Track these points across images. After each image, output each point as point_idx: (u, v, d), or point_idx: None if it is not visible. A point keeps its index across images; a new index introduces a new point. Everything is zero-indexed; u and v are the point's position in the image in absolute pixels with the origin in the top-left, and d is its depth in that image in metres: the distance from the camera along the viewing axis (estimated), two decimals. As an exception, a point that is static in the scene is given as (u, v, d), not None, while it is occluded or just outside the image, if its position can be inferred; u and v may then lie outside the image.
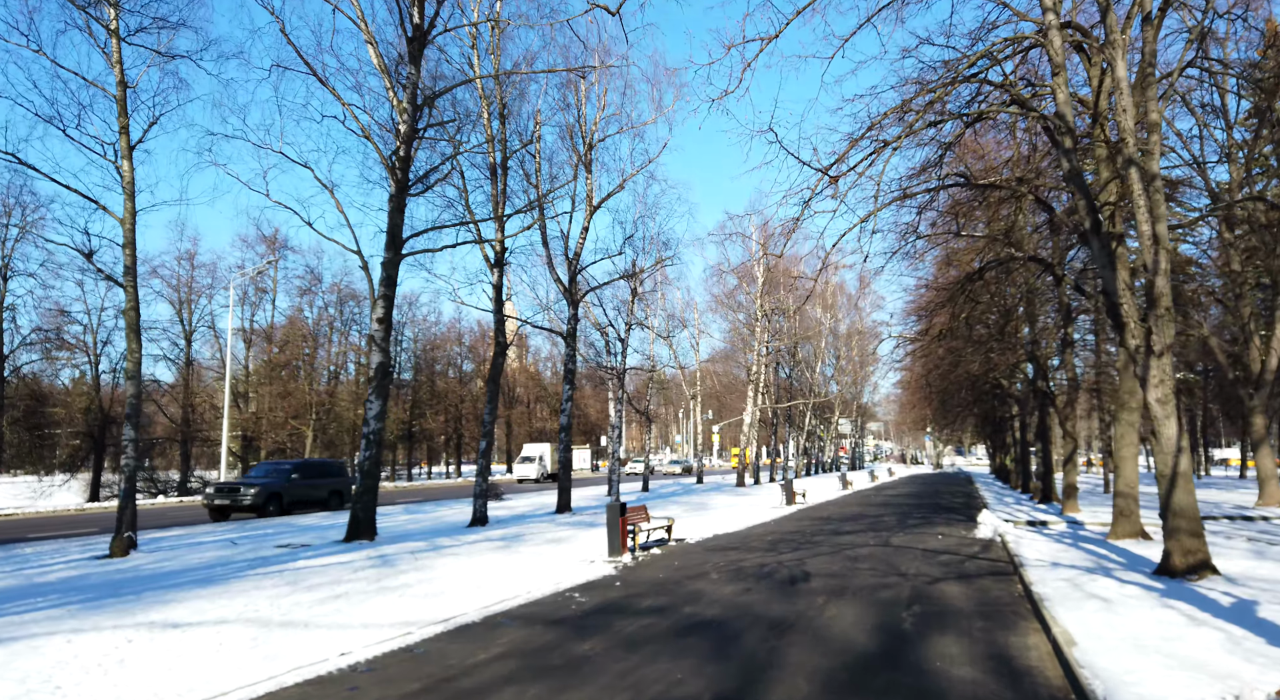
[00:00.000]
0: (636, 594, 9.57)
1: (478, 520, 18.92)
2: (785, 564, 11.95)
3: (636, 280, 27.46)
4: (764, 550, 13.76)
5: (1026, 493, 30.19)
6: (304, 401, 42.88)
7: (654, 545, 14.74)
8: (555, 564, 12.33)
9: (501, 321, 19.82)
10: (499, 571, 11.53)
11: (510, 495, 33.72)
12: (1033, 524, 17.49)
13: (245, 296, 50.28)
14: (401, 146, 15.24)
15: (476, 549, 14.29)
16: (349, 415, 58.68)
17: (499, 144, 19.83)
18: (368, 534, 15.16)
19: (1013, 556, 11.69)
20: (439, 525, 19.47)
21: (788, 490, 26.33)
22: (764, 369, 44.80)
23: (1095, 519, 17.58)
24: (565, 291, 23.87)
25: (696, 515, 22.00)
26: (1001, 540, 14.31)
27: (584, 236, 23.91)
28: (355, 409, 61.27)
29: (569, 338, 23.83)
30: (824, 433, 72.07)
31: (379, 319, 15.33)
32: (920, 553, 13.14)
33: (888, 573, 10.92)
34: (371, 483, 15.29)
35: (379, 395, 15.37)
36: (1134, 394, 12.77)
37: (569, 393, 23.63)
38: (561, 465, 23.57)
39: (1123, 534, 12.82)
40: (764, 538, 15.87)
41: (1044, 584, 8.78)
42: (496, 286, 19.76)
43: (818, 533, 16.80)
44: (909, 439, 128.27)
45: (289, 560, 12.90)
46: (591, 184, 24.18)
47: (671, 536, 15.43)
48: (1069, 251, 17.25)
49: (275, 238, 49.40)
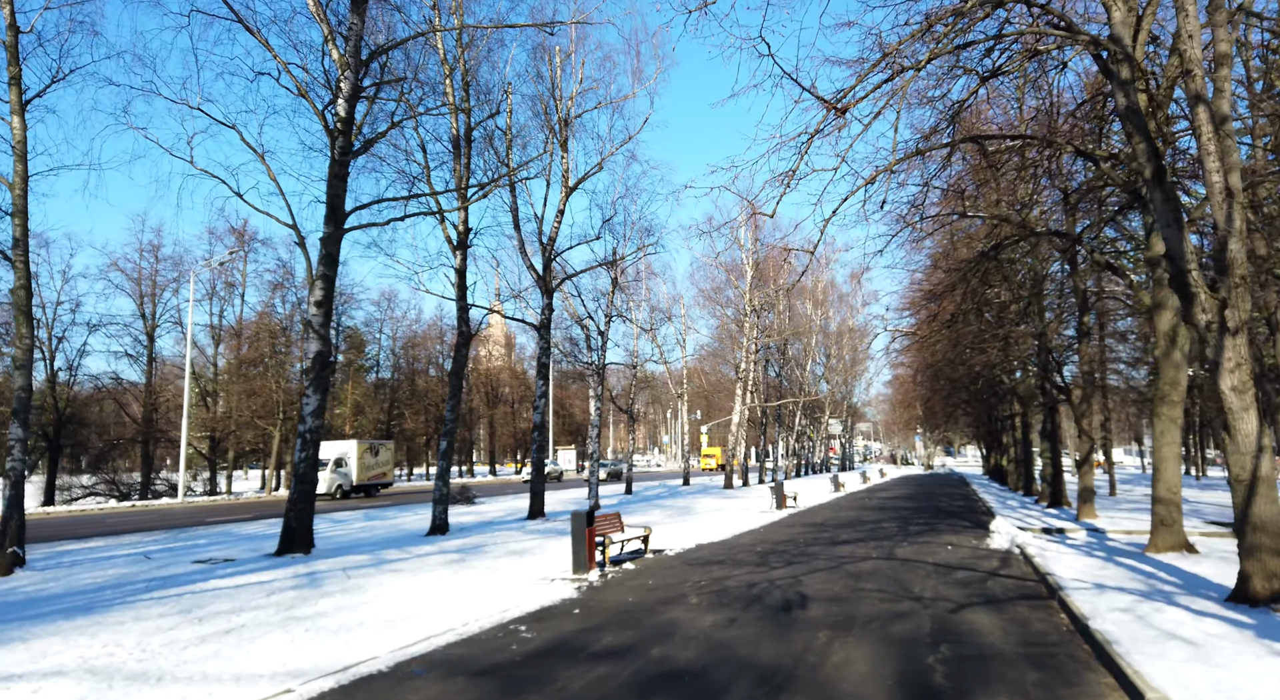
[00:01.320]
0: (596, 627, 7.81)
1: (437, 528, 17.11)
2: (777, 583, 10.23)
3: (617, 269, 25.70)
4: (752, 565, 12.03)
5: (1030, 495, 28.64)
6: (271, 400, 40.78)
7: (628, 558, 12.98)
8: (509, 583, 10.55)
9: (465, 309, 18.01)
10: (440, 594, 9.74)
11: (486, 498, 31.89)
12: (1049, 532, 15.85)
13: (213, 291, 48.13)
14: (343, 105, 13.40)
15: (425, 564, 12.49)
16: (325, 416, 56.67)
17: (462, 114, 18.03)
18: (302, 546, 13.32)
19: (1043, 574, 10.00)
20: (394, 534, 17.63)
21: (778, 493, 24.64)
22: (753, 366, 43.13)
23: (1117, 526, 15.97)
24: (539, 279, 22.09)
25: (680, 521, 20.27)
26: (1022, 552, 12.64)
27: (559, 220, 22.14)
28: (331, 410, 59.34)
29: (543, 329, 22.05)
30: (814, 433, 70.51)
31: (317, 302, 13.49)
32: (932, 568, 11.45)
33: (899, 596, 9.21)
34: (308, 488, 13.44)
35: (317, 389, 13.53)
36: (1175, 385, 11.12)
37: (542, 388, 21.83)
38: (535, 467, 21.79)
39: (1164, 546, 11.18)
40: (752, 549, 14.15)
41: (1100, 616, 7.08)
42: (459, 271, 17.95)
43: (812, 542, 15.10)
44: (898, 439, 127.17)
45: (200, 580, 11.06)
46: (568, 163, 22.42)
47: (648, 548, 13.68)
48: (1088, 230, 15.61)
49: (244, 230, 47.32)
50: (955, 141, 9.83)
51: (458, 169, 17.70)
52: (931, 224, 17.87)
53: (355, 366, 65.05)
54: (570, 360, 30.43)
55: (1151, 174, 7.39)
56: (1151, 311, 11.44)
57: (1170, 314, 11.15)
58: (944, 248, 17.68)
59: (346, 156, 13.55)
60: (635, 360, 35.01)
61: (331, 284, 13.65)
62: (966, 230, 21.58)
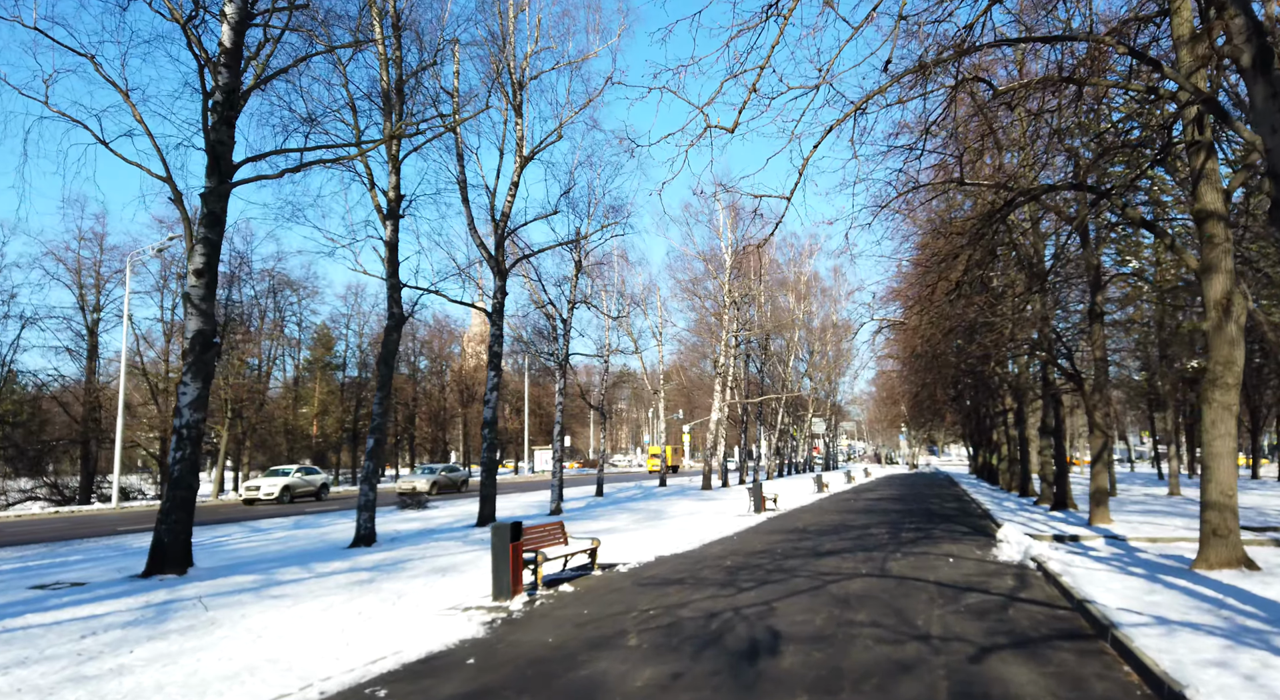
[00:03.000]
0: (485, 690, 5.64)
1: (361, 539, 14.85)
2: (744, 613, 8.10)
3: (580, 251, 23.50)
4: (718, 585, 9.89)
5: (1026, 496, 26.76)
6: (219, 398, 38.22)
7: (571, 577, 10.80)
8: (408, 615, 8.35)
9: (396, 288, 15.75)
10: (311, 632, 7.53)
11: (444, 501, 29.55)
12: (1061, 539, 13.87)
13: (164, 283, 45.51)
14: (227, 32, 11.12)
15: (322, 587, 10.25)
16: (284, 414, 54.06)
17: (393, 65, 15.76)
18: (176, 565, 11.01)
19: (1079, 601, 7.94)
20: (313, 546, 15.35)
21: (756, 495, 22.56)
22: (732, 362, 41.10)
23: (1138, 533, 14.00)
24: (490, 258, 19.86)
25: (646, 527, 18.12)
26: (1040, 568, 10.60)
27: (513, 193, 19.93)
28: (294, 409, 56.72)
29: (495, 314, 19.81)
30: (797, 432, 68.65)
31: (197, 271, 11.20)
32: (935, 589, 9.37)
33: (899, 633, 7.11)
34: (184, 495, 11.14)
35: (197, 375, 11.22)
36: (1230, 365, 9.12)
37: (494, 380, 19.59)
38: (484, 468, 19.56)
39: (1217, 562, 9.17)
40: (721, 562, 12.02)
41: (1189, 676, 5.00)
42: (389, 243, 15.68)
43: (792, 553, 13.00)
44: (882, 438, 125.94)
45: (19, 613, 8.75)
46: (523, 130, 20.20)
47: (596, 563, 11.50)
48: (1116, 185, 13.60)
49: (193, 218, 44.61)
50: (968, 48, 7.74)
51: (388, 127, 15.44)
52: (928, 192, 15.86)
53: (323, 364, 62.44)
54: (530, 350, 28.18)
55: (1252, 59, 5.33)
56: (1200, 276, 9.44)
57: (1224, 278, 9.15)
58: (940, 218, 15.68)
59: (234, 96, 11.26)
60: (606, 353, 32.81)
61: (216, 249, 11.36)
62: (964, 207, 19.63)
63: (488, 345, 20.67)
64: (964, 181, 15.02)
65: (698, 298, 43.06)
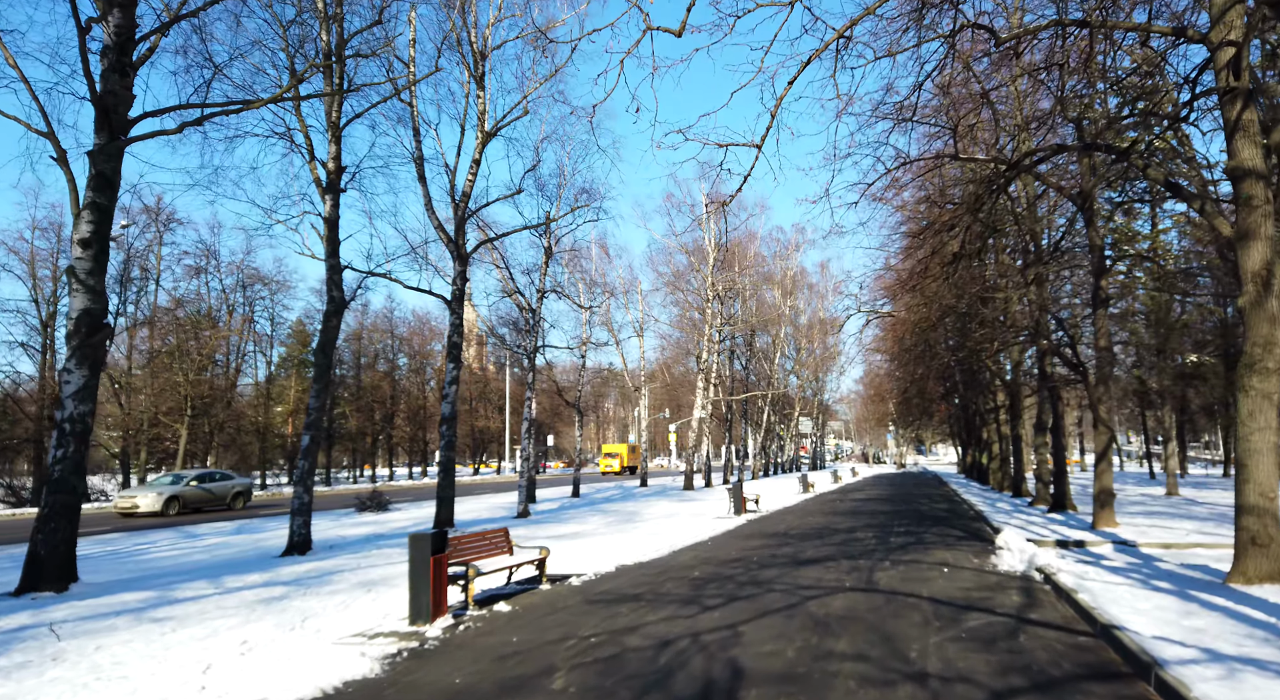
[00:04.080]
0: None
1: (294, 547, 13.40)
2: (704, 641, 6.74)
3: (550, 236, 22.08)
4: (679, 603, 8.53)
5: (1020, 496, 25.60)
6: (179, 394, 36.53)
7: (511, 594, 9.40)
8: (300, 645, 6.94)
9: (337, 270, 14.28)
10: (166, 671, 6.10)
11: (409, 504, 27.99)
12: (1065, 545, 12.61)
13: (126, 276, 43.74)
14: (116, -34, 9.64)
15: (220, 606, 8.81)
16: (254, 414, 52.28)
17: (334, 24, 14.29)
18: (55, 581, 9.52)
19: (1103, 624, 6.63)
20: (241, 555, 13.88)
21: (737, 496, 21.24)
22: (716, 358, 39.81)
23: (1148, 538, 12.76)
24: (449, 242, 18.43)
25: (616, 531, 16.75)
26: (1049, 580, 9.30)
27: (475, 171, 18.50)
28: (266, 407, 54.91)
29: (454, 302, 18.38)
30: (784, 431, 67.47)
31: (83, 241, 9.71)
32: (930, 608, 8.05)
33: (889, 670, 5.77)
34: (66, 500, 9.65)
35: (83, 362, 9.73)
36: (1271, 347, 7.85)
37: (453, 373, 18.17)
38: (442, 469, 18.13)
39: (1257, 575, 7.90)
40: (688, 573, 10.66)
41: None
42: (329, 220, 14.22)
43: (769, 562, 11.66)
44: (870, 438, 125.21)
45: None
46: (485, 104, 18.77)
47: (545, 575, 10.10)
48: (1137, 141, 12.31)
49: (158, 208, 42.92)
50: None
51: (328, 86, 13.98)
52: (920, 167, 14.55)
53: (299, 361, 60.68)
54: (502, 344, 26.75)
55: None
56: (1234, 244, 8.16)
57: (1263, 246, 7.88)
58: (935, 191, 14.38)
59: (127, 42, 9.78)
60: (584, 347, 31.40)
61: (107, 216, 9.88)
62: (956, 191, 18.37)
63: (446, 335, 19.23)
64: (958, 156, 13.80)
65: (680, 292, 41.75)
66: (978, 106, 14.27)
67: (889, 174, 13.47)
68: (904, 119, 12.62)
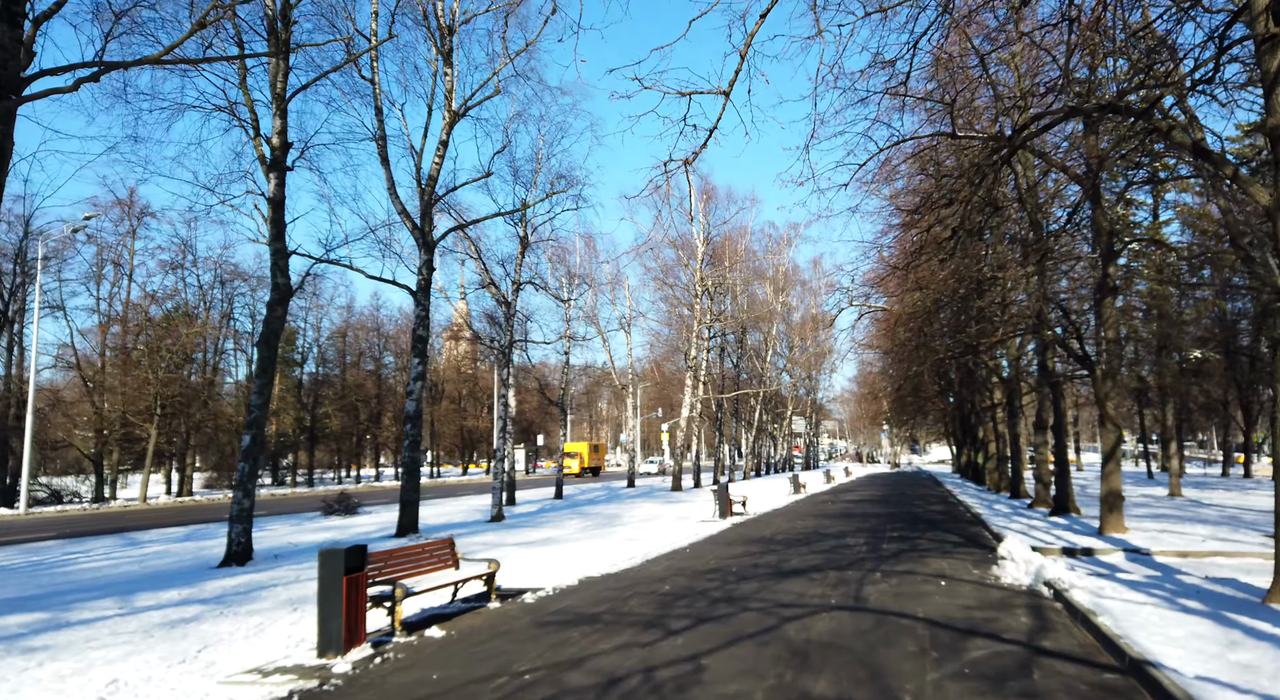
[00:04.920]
0: None
1: (232, 557, 12.26)
2: (658, 678, 5.66)
3: (526, 225, 20.96)
4: (639, 626, 7.44)
5: (1018, 498, 24.61)
6: (147, 393, 35.31)
7: (453, 614, 8.30)
8: (181, 684, 5.83)
9: (282, 254, 13.14)
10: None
11: (381, 507, 26.79)
12: (1071, 553, 11.58)
13: (99, 272, 42.51)
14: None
15: (115, 631, 7.70)
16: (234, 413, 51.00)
17: (280, -13, 13.14)
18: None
19: (1133, 658, 5.56)
20: (176, 565, 12.74)
21: (722, 498, 20.18)
22: (706, 354, 38.76)
23: (1163, 545, 11.73)
24: (414, 229, 17.31)
25: (591, 537, 15.68)
26: (1060, 597, 8.24)
27: (442, 152, 17.39)
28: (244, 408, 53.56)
29: (420, 293, 17.27)
30: (777, 431, 66.47)
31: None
32: (926, 632, 6.99)
33: (878, 720, 4.68)
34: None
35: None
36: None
37: (418, 369, 17.06)
38: (406, 471, 17.03)
39: (1305, 594, 6.85)
40: (658, 586, 9.57)
41: None
42: (273, 200, 13.08)
43: (749, 572, 10.59)
44: (864, 437, 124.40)
45: None
46: (453, 81, 17.64)
47: (494, 591, 8.99)
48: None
49: (131, 201, 41.61)
50: None
51: (273, 45, 12.82)
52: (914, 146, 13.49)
53: (284, 359, 59.42)
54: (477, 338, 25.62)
55: None
56: (1272, 213, 7.11)
57: (1310, 215, 6.83)
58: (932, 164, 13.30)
59: (22, -11, 8.62)
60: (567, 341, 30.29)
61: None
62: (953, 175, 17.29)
63: (411, 329, 18.11)
64: (956, 134, 12.75)
65: (669, 287, 40.70)
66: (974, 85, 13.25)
67: (881, 152, 12.43)
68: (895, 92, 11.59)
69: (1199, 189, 25.60)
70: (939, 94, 13.77)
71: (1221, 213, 13.87)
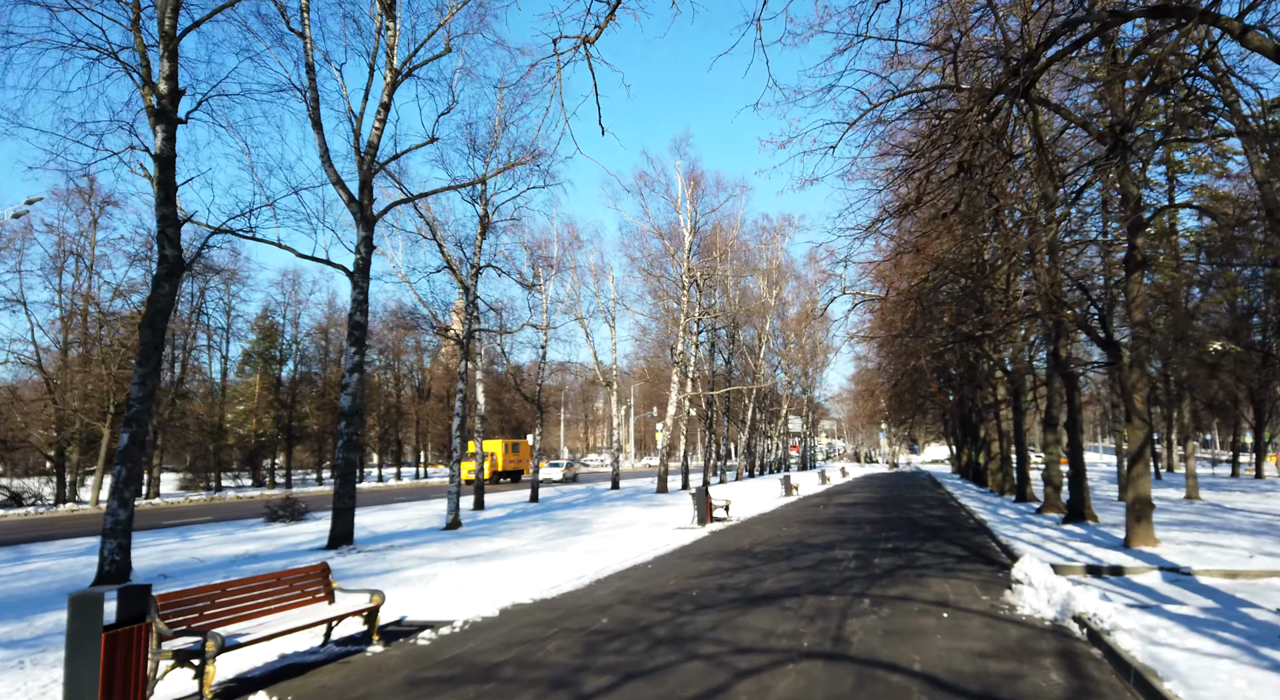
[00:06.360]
0: None
1: (105, 578, 10.38)
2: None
3: (485, 202, 19.05)
4: (541, 689, 5.55)
5: (1023, 501, 22.75)
6: (100, 390, 33.43)
7: (302, 668, 6.41)
8: None
9: (171, 222, 11.24)
10: None
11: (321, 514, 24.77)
12: (1096, 571, 9.72)
13: (60, 264, 40.57)
14: None
15: None
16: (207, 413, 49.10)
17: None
18: None
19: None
20: (37, 590, 10.81)
21: (701, 504, 18.29)
22: (694, 349, 36.88)
23: (1203, 563, 9.87)
24: (351, 201, 15.42)
25: (549, 549, 13.80)
26: (1098, 641, 6.35)
27: (383, 117, 15.50)
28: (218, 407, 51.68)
29: (356, 274, 15.38)
30: (771, 430, 64.57)
31: None
32: (924, 693, 5.10)
33: None
34: None
35: None
36: None
37: (354, 359, 15.17)
38: (340, 474, 15.13)
39: None
40: (594, 619, 7.67)
41: None
42: (159, 157, 11.17)
43: (710, 599, 8.70)
44: (862, 436, 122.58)
45: None
46: (395, 38, 15.75)
47: (378, 629, 7.09)
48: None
49: (92, 191, 39.60)
50: None
51: None
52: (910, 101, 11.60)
53: (265, 357, 57.47)
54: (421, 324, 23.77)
55: None
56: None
57: None
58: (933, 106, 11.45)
59: None
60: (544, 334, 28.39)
61: None
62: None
63: (348, 314, 16.24)
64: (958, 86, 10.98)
65: (656, 279, 38.79)
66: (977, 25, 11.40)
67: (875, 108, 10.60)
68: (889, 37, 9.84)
69: (1219, 169, 23.78)
70: (939, 38, 11.92)
71: (1258, 183, 12.06)
